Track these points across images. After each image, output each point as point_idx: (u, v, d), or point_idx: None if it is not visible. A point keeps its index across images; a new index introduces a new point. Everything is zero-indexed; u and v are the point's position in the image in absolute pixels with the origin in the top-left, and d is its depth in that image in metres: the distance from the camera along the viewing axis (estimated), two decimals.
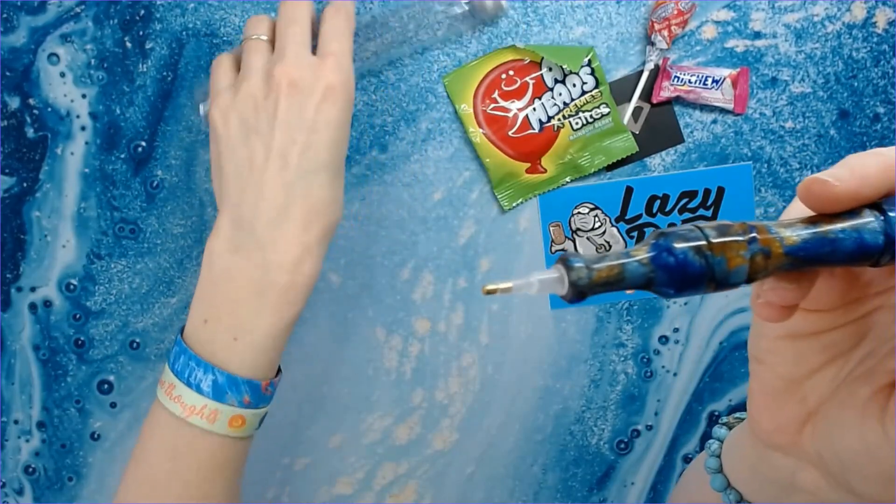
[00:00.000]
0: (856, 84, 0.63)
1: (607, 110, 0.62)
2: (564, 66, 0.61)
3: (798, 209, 0.29)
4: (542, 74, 0.62)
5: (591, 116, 0.62)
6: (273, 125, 0.48)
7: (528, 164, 0.63)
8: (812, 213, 0.27)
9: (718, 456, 0.38)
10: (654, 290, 0.26)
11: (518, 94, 0.62)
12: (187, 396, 0.48)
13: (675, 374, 0.65)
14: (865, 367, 0.30)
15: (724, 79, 0.62)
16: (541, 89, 0.62)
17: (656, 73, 0.63)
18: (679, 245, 0.25)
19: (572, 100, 0.62)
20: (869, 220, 0.26)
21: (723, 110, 0.63)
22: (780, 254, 0.25)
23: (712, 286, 0.25)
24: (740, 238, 0.25)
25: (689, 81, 0.62)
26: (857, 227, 0.26)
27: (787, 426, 0.32)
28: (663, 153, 0.64)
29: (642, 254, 0.26)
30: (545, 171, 0.63)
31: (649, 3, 0.62)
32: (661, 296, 0.26)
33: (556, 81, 0.62)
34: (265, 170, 0.48)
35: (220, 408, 0.47)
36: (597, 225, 0.64)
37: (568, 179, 0.63)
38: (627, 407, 0.66)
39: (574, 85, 0.62)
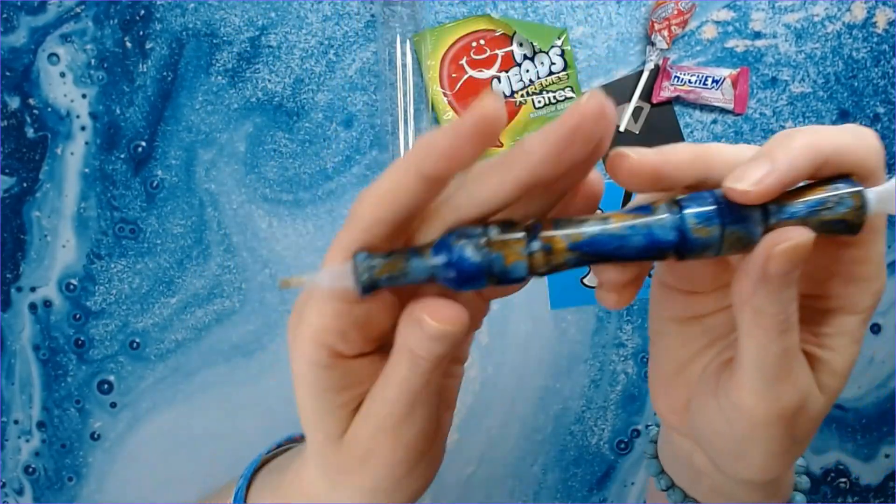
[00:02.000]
0: (856, 84, 0.63)
1: (572, 94, 0.62)
2: (535, 44, 0.62)
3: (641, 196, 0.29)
4: (512, 49, 0.62)
5: (555, 97, 0.62)
6: None
7: None
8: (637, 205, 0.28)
9: (655, 442, 0.38)
10: (441, 283, 0.26)
11: (486, 64, 0.62)
12: None
13: None
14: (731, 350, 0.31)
15: (724, 79, 0.62)
16: (509, 63, 0.62)
17: (656, 73, 0.63)
18: (458, 242, 0.26)
19: (539, 78, 0.62)
20: (662, 216, 0.26)
21: (723, 110, 0.63)
22: (564, 249, 0.26)
23: (493, 280, 0.26)
24: (519, 236, 0.26)
25: (689, 81, 0.62)
26: (647, 223, 0.26)
27: (677, 408, 0.33)
28: None
29: (426, 250, 0.26)
30: (502, 145, 0.63)
31: (649, 3, 0.62)
32: (450, 288, 0.26)
33: (525, 58, 0.62)
34: None
35: None
36: None
37: None
38: (627, 407, 0.66)
39: (542, 63, 0.62)
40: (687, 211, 0.26)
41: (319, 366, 0.27)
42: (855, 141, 0.26)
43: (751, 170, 0.25)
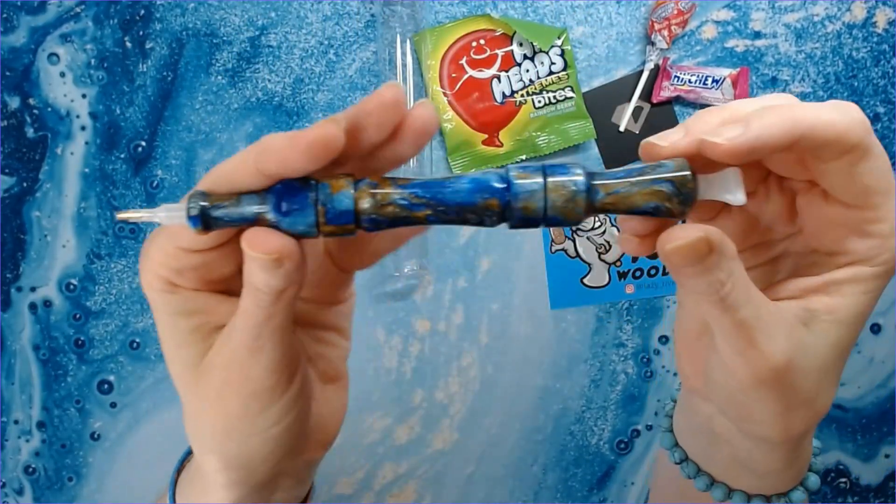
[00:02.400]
0: (856, 84, 0.63)
1: (572, 94, 0.62)
2: (535, 44, 0.61)
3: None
4: (512, 49, 0.62)
5: (554, 97, 0.62)
6: None
7: (486, 136, 0.63)
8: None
9: (670, 416, 0.39)
10: (270, 223, 0.28)
11: (486, 64, 0.62)
12: None
13: (675, 374, 0.65)
14: None
15: (724, 79, 0.62)
16: (509, 63, 0.62)
17: (656, 73, 0.63)
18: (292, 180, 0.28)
19: (538, 78, 0.62)
20: (488, 171, 0.28)
21: None
22: (390, 186, 0.28)
23: (321, 212, 0.27)
24: (346, 173, 0.28)
25: (689, 81, 0.62)
26: (474, 173, 0.28)
27: (698, 370, 0.33)
28: None
29: (259, 192, 0.28)
30: (501, 145, 0.63)
31: (649, 3, 0.62)
32: (283, 227, 0.28)
33: (525, 57, 0.62)
34: None
35: None
36: (597, 224, 0.64)
37: (523, 157, 0.63)
38: (627, 407, 0.66)
39: (542, 63, 0.62)
40: (511, 166, 0.28)
41: (162, 292, 0.29)
42: (836, 115, 0.27)
43: (726, 130, 0.27)
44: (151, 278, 0.29)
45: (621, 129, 0.64)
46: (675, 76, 0.62)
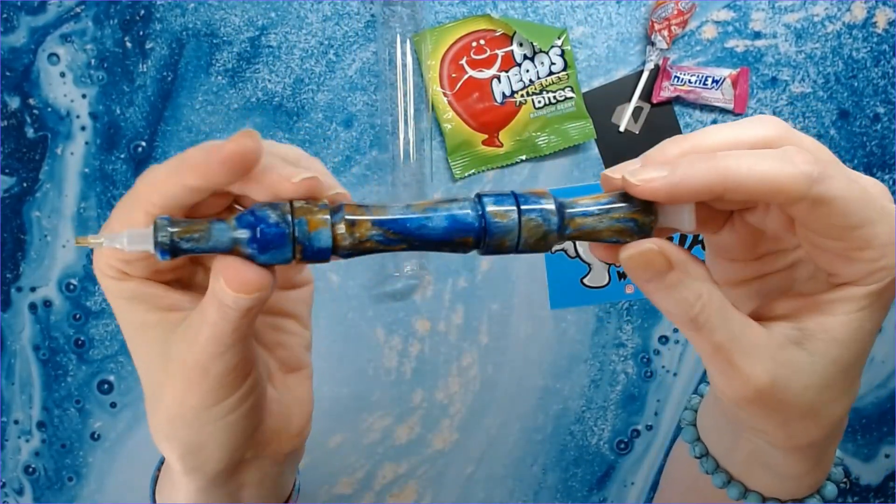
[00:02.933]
0: (856, 84, 0.63)
1: (572, 94, 0.62)
2: (535, 44, 0.61)
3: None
4: (512, 49, 0.62)
5: (554, 97, 0.62)
6: None
7: (486, 136, 0.63)
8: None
9: (695, 410, 0.39)
10: (244, 255, 0.27)
11: (486, 64, 0.62)
12: None
13: (675, 374, 0.65)
14: None
15: (724, 79, 0.62)
16: (509, 63, 0.62)
17: (656, 73, 0.63)
18: (262, 209, 0.27)
19: (539, 78, 0.62)
20: (463, 202, 0.29)
21: (723, 110, 0.63)
22: (367, 223, 0.28)
23: (299, 251, 0.27)
24: (322, 206, 0.27)
25: (689, 81, 0.62)
26: (450, 208, 0.28)
27: None
28: None
29: (230, 219, 0.27)
30: (501, 145, 0.63)
31: (649, 3, 0.62)
32: (257, 261, 0.28)
33: (525, 58, 0.62)
34: None
35: None
36: None
37: (523, 157, 0.63)
38: (627, 407, 0.66)
39: (542, 63, 0.62)
40: (486, 198, 0.28)
41: (113, 279, 0.30)
42: (774, 167, 0.27)
43: (648, 170, 0.28)
44: (103, 265, 0.30)
45: (621, 129, 0.64)
46: (675, 76, 0.62)
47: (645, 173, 0.28)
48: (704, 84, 0.62)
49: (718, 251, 0.34)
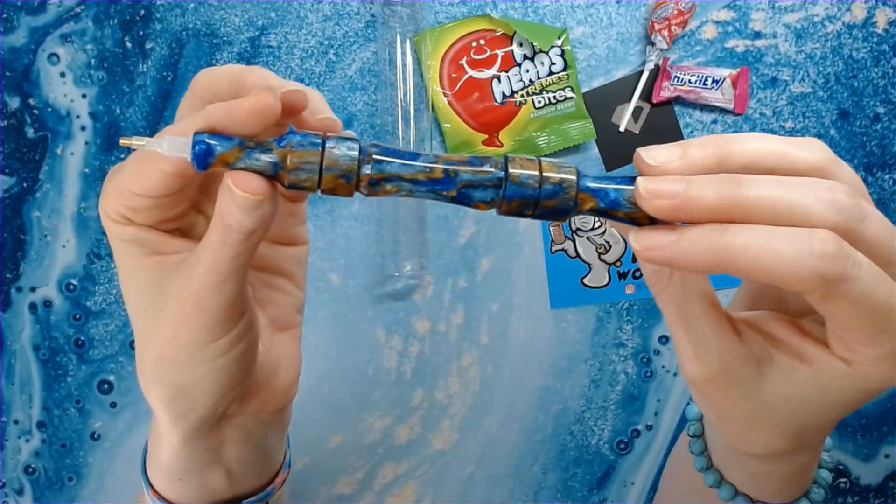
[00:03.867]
0: (856, 84, 0.63)
1: (572, 94, 0.62)
2: (535, 44, 0.61)
3: None
4: (512, 49, 0.62)
5: (555, 97, 0.62)
6: None
7: (486, 136, 0.63)
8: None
9: (700, 420, 0.39)
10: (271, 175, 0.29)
11: (486, 64, 0.62)
12: None
13: (675, 374, 0.65)
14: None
15: (724, 79, 0.62)
16: (509, 63, 0.62)
17: (656, 73, 0.63)
18: (297, 134, 0.29)
19: (539, 78, 0.62)
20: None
21: (723, 110, 0.63)
22: (392, 177, 0.29)
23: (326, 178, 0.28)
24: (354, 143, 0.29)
25: (689, 81, 0.62)
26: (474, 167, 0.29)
27: None
28: None
29: (273, 143, 0.29)
30: (501, 145, 0.63)
31: (649, 3, 0.62)
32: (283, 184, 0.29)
33: (525, 58, 0.62)
34: None
35: None
36: (597, 224, 0.64)
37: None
38: (627, 407, 0.66)
39: (542, 63, 0.62)
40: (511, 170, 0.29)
41: (117, 223, 0.31)
42: (790, 258, 0.25)
43: (653, 236, 0.27)
44: (109, 209, 0.31)
45: (621, 129, 0.64)
46: (675, 76, 0.62)
47: (648, 239, 0.27)
48: (704, 84, 0.62)
49: None
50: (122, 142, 0.29)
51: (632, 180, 0.28)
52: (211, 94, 0.31)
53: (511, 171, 0.28)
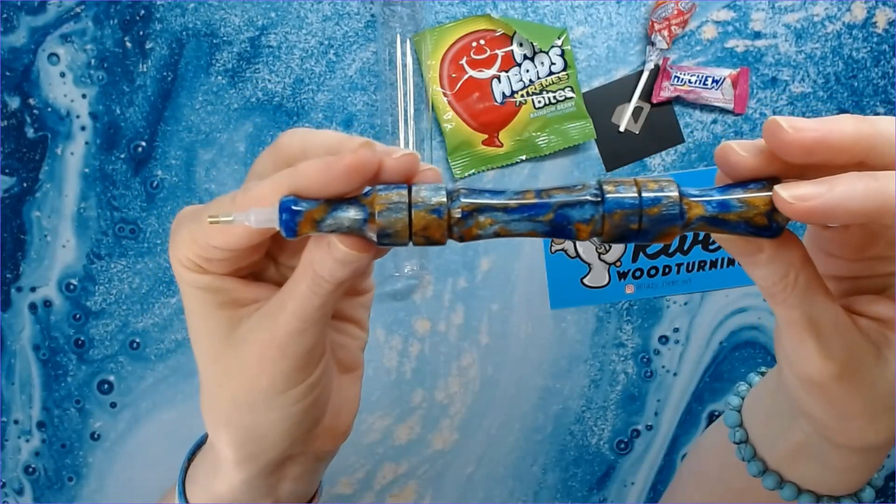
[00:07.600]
0: (856, 84, 0.63)
1: (572, 94, 0.62)
2: (535, 44, 0.61)
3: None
4: (512, 49, 0.62)
5: (554, 97, 0.62)
6: None
7: (486, 136, 0.63)
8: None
9: (742, 397, 0.39)
10: (361, 233, 0.28)
11: (486, 64, 0.62)
12: None
13: (675, 374, 0.65)
14: None
15: (724, 79, 0.62)
16: (509, 63, 0.62)
17: (656, 73, 0.63)
18: (385, 189, 0.28)
19: (539, 78, 0.62)
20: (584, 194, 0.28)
21: (723, 110, 0.63)
22: (485, 215, 0.28)
23: (418, 236, 0.28)
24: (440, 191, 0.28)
25: (689, 81, 0.62)
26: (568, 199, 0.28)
27: None
28: (663, 153, 0.64)
29: (352, 199, 0.28)
30: (501, 145, 0.63)
31: (649, 3, 0.62)
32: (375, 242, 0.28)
33: (525, 58, 0.62)
34: None
35: None
36: None
37: (523, 157, 0.63)
38: (627, 407, 0.66)
39: (542, 63, 0.62)
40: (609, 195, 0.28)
41: (190, 271, 0.31)
42: None
43: (802, 186, 0.26)
44: (182, 257, 0.31)
45: (621, 129, 0.64)
46: (675, 76, 0.62)
47: (800, 189, 0.26)
48: (704, 84, 0.62)
49: (818, 241, 0.32)
50: (210, 220, 0.28)
51: (727, 188, 0.28)
52: (304, 157, 0.31)
53: (605, 186, 0.28)
